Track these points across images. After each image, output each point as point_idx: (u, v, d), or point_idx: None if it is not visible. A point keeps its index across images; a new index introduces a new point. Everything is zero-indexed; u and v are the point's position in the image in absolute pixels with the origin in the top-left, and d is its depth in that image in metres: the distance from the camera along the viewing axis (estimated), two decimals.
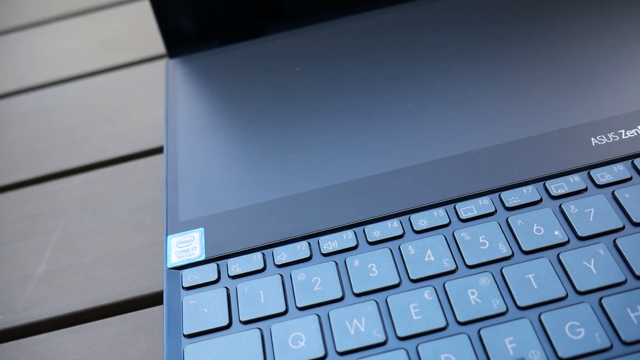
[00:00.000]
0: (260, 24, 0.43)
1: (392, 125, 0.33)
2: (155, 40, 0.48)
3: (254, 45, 0.42)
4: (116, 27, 0.54)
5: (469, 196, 0.30)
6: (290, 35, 0.42)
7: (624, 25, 0.37)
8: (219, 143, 0.35)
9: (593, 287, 0.26)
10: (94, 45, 0.52)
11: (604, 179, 0.29)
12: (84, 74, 0.50)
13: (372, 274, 0.28)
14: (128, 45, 0.52)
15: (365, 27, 0.41)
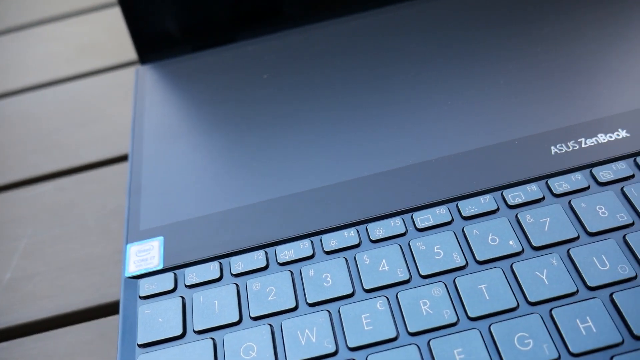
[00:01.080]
0: (233, 30, 0.43)
1: (353, 134, 0.33)
2: (133, 45, 0.48)
3: (226, 51, 0.42)
4: (93, 32, 0.54)
5: (427, 205, 0.30)
6: (261, 42, 0.42)
7: (590, 33, 0.36)
8: (184, 151, 0.35)
9: (544, 298, 0.26)
10: (71, 50, 0.53)
11: (561, 188, 0.29)
12: (60, 80, 0.50)
13: (326, 283, 0.28)
14: (105, 50, 0.52)
15: (334, 34, 0.41)
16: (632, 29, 0.36)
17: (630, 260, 0.26)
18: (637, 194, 0.28)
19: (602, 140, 0.31)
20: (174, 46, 0.43)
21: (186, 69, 0.41)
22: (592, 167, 0.30)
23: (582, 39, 0.36)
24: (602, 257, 0.26)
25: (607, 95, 0.33)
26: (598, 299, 0.25)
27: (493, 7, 0.40)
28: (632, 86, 0.33)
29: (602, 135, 0.31)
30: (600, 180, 0.29)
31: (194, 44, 0.43)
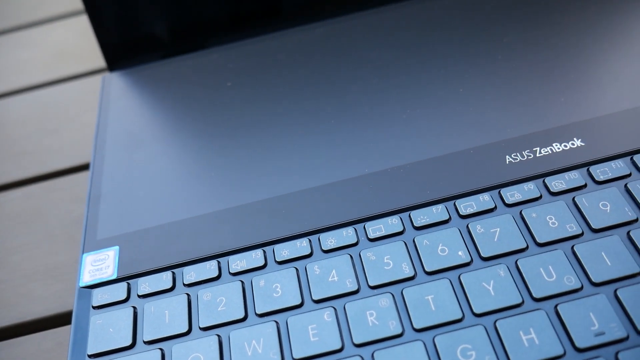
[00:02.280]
0: (202, 37, 0.43)
1: (308, 144, 0.33)
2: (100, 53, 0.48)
3: (194, 58, 0.42)
4: (70, 38, 0.54)
5: (380, 215, 0.30)
6: (229, 49, 0.42)
7: (550, 42, 0.36)
8: (145, 159, 0.35)
9: (489, 310, 0.26)
10: (47, 56, 0.53)
11: (513, 198, 0.29)
12: (34, 86, 0.50)
13: (276, 294, 0.28)
14: (81, 56, 0.52)
15: (297, 42, 0.41)
16: (590, 40, 0.36)
17: (577, 271, 0.26)
18: (588, 204, 0.28)
19: (557, 149, 0.31)
20: (143, 53, 0.43)
21: (153, 77, 0.41)
22: (545, 177, 0.30)
23: (541, 48, 0.36)
24: (549, 268, 0.26)
25: (564, 103, 0.33)
26: (542, 311, 0.25)
27: (455, 15, 0.40)
28: (589, 95, 0.33)
29: (557, 145, 0.31)
30: (553, 190, 0.29)
31: (162, 51, 0.43)
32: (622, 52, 0.35)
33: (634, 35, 0.36)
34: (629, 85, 0.33)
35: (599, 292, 0.25)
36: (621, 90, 0.33)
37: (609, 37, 0.36)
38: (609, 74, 0.34)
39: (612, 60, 0.35)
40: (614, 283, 0.26)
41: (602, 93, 0.33)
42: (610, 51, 0.35)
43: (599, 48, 0.35)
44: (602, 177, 0.29)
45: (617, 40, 0.36)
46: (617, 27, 0.36)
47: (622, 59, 0.35)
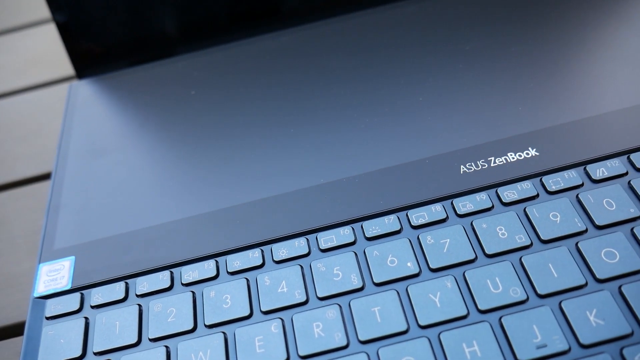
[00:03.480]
0: (170, 44, 0.43)
1: (265, 153, 0.33)
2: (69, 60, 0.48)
3: (162, 66, 0.42)
4: (42, 46, 0.54)
5: (332, 225, 0.30)
6: (195, 57, 0.42)
7: (512, 49, 0.36)
8: (107, 168, 0.35)
9: (434, 322, 0.26)
10: (19, 63, 0.53)
11: (465, 208, 0.29)
12: (6, 93, 0.50)
13: (225, 305, 0.28)
14: (53, 64, 0.52)
15: (263, 50, 0.41)
16: (550, 49, 0.36)
17: (524, 282, 0.26)
18: (539, 215, 0.28)
19: (511, 159, 0.31)
20: (111, 61, 0.43)
21: (120, 84, 0.41)
22: (498, 187, 0.30)
23: (502, 56, 0.36)
24: (496, 279, 0.26)
25: (521, 112, 0.33)
26: (486, 323, 0.25)
27: (419, 23, 0.40)
28: (546, 104, 0.33)
29: (512, 154, 0.31)
30: (505, 200, 0.29)
31: (131, 58, 0.43)
32: (580, 61, 0.35)
33: (592, 45, 0.36)
34: (586, 95, 0.33)
35: (544, 304, 0.25)
36: (578, 100, 0.33)
37: (568, 46, 0.36)
38: (567, 83, 0.34)
39: (571, 69, 0.35)
40: (559, 295, 0.26)
41: (559, 102, 0.33)
42: (570, 60, 0.35)
43: (559, 57, 0.35)
44: (554, 187, 0.29)
45: (575, 50, 0.36)
46: (576, 38, 0.36)
47: (580, 68, 0.35)
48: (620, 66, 0.34)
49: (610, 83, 0.33)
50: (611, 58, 0.35)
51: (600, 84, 0.33)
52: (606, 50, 0.35)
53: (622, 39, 0.36)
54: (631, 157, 0.30)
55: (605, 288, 0.26)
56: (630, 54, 0.35)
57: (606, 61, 0.35)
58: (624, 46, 0.35)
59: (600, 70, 0.34)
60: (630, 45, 0.35)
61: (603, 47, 0.35)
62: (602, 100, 0.32)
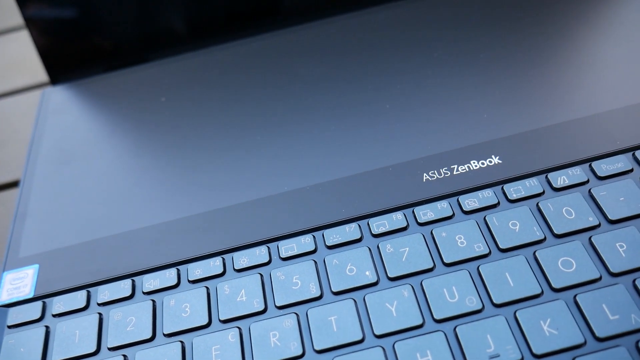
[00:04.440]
0: (145, 50, 0.43)
1: (230, 160, 0.33)
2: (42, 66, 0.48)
3: (135, 72, 0.42)
4: (19, 51, 0.54)
5: (294, 234, 0.30)
6: (168, 63, 0.42)
7: (480, 55, 0.36)
8: (75, 176, 0.35)
9: (389, 331, 0.26)
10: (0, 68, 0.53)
11: (426, 216, 0.29)
12: None
13: (184, 314, 0.28)
14: (30, 69, 0.52)
15: (235, 56, 0.41)
16: (516, 57, 0.36)
17: (481, 291, 0.26)
18: (498, 223, 0.28)
19: (474, 167, 0.31)
20: (85, 67, 0.43)
21: (93, 91, 0.42)
22: (460, 195, 0.30)
23: (470, 63, 0.36)
24: (453, 288, 0.26)
25: (486, 120, 0.33)
26: (441, 332, 0.25)
27: (388, 30, 0.40)
28: (511, 112, 0.33)
29: (475, 162, 0.31)
30: (465, 208, 0.29)
31: (105, 64, 0.43)
32: (546, 69, 0.35)
33: (559, 54, 0.36)
34: (550, 102, 0.33)
35: (499, 314, 0.25)
36: (542, 107, 0.33)
37: (535, 54, 0.36)
38: (533, 90, 0.34)
39: (537, 77, 0.34)
40: (514, 304, 0.26)
41: (523, 109, 0.33)
42: (536, 68, 0.35)
43: (526, 65, 0.35)
44: (515, 196, 0.29)
45: (542, 58, 0.36)
46: (543, 46, 0.36)
47: (546, 76, 0.34)
48: (585, 74, 0.34)
49: (575, 91, 0.33)
50: (576, 67, 0.35)
51: (564, 92, 0.33)
52: (571, 59, 0.35)
53: (587, 47, 0.36)
54: (593, 165, 0.30)
55: (561, 297, 0.26)
56: (596, 63, 0.35)
57: (571, 70, 0.35)
58: (590, 55, 0.35)
59: (565, 78, 0.34)
60: (595, 54, 0.35)
61: (569, 55, 0.35)
62: (565, 108, 0.32)
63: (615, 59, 0.35)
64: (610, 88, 0.33)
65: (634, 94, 0.32)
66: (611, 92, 0.33)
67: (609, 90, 0.33)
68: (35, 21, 0.41)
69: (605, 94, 0.33)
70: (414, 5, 0.41)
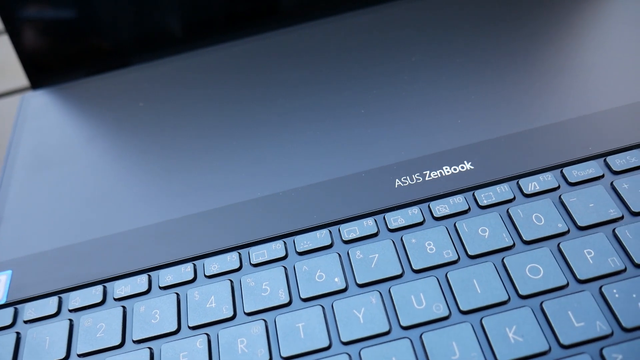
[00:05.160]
0: (126, 54, 0.43)
1: (204, 167, 0.33)
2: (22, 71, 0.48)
3: (117, 76, 0.42)
4: (4, 54, 0.54)
5: (265, 240, 0.30)
6: (149, 67, 0.42)
7: (456, 60, 0.36)
8: (51, 181, 0.35)
9: (356, 338, 0.26)
10: None
11: (397, 223, 0.29)
12: None
13: (154, 320, 0.28)
14: (12, 73, 0.52)
15: (214, 61, 0.41)
16: (491, 62, 0.36)
17: (448, 298, 0.26)
18: (468, 230, 0.28)
19: (446, 172, 0.31)
20: (66, 72, 0.43)
21: (74, 96, 0.42)
22: (431, 201, 0.30)
23: (446, 68, 0.36)
24: (420, 295, 0.26)
25: (460, 125, 0.33)
26: (407, 339, 0.25)
27: (366, 35, 0.40)
28: (484, 117, 0.33)
29: (447, 168, 0.31)
30: (436, 214, 0.29)
31: (87, 69, 0.44)
32: (520, 75, 0.35)
33: (533, 60, 0.36)
34: (524, 108, 0.33)
35: (465, 321, 0.25)
36: (515, 113, 0.33)
37: (510, 59, 0.36)
38: (507, 96, 0.34)
39: (511, 82, 0.35)
40: (481, 311, 0.26)
41: (497, 115, 0.33)
42: (510, 73, 0.35)
43: (500, 70, 0.35)
44: (485, 202, 0.29)
45: (516, 63, 0.36)
46: (518, 51, 0.36)
47: (520, 81, 0.34)
48: (558, 80, 0.34)
49: (548, 97, 0.33)
50: (550, 73, 0.35)
51: (537, 97, 0.33)
52: (545, 65, 0.35)
53: (561, 53, 0.36)
54: (564, 171, 0.30)
55: (527, 304, 0.26)
56: (568, 69, 0.35)
57: (545, 76, 0.35)
58: (563, 61, 0.35)
59: (539, 84, 0.34)
60: (568, 60, 0.35)
61: (543, 61, 0.35)
62: (539, 114, 0.32)
63: (588, 64, 0.35)
64: (582, 94, 0.33)
65: (606, 99, 0.32)
66: (584, 97, 0.33)
67: (581, 96, 0.33)
68: (16, 26, 0.41)
69: (578, 99, 0.33)
70: (393, 10, 0.41)
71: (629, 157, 0.30)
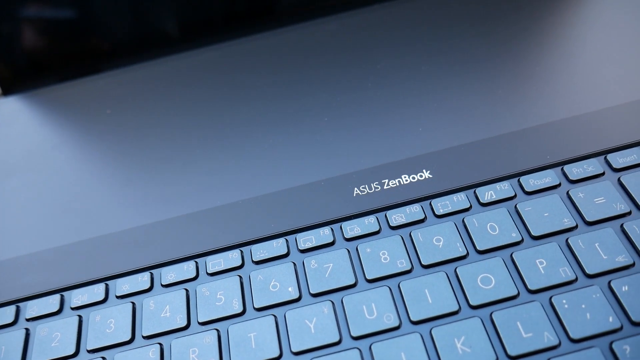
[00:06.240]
0: (97, 61, 0.43)
1: (165, 176, 0.34)
2: None
3: (89, 82, 0.42)
4: None
5: (222, 249, 0.30)
6: (120, 73, 0.42)
7: (423, 67, 0.36)
8: (15, 189, 0.35)
9: (306, 348, 0.26)
10: None
11: (353, 232, 0.29)
12: None
13: (109, 329, 0.28)
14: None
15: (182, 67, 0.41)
16: (455, 70, 0.36)
17: (400, 308, 0.26)
18: (423, 239, 0.28)
19: (404, 181, 0.31)
20: (38, 78, 0.43)
21: (45, 102, 0.42)
22: (388, 210, 0.30)
23: (411, 75, 0.36)
24: (372, 305, 0.26)
25: (421, 133, 0.33)
26: (357, 350, 0.25)
27: (333, 42, 0.40)
28: (445, 125, 0.33)
29: (406, 176, 0.31)
30: (392, 224, 0.29)
31: (59, 75, 0.44)
32: (483, 83, 0.35)
33: (494, 68, 0.36)
34: (484, 117, 0.33)
35: (415, 331, 0.25)
36: (475, 121, 0.33)
37: (473, 68, 0.36)
38: (469, 104, 0.34)
39: (474, 91, 0.35)
40: (431, 321, 0.26)
41: (458, 123, 0.33)
42: (473, 82, 0.35)
43: (464, 78, 0.35)
44: (442, 211, 0.29)
45: (480, 71, 0.36)
46: (481, 59, 0.36)
47: (482, 90, 0.35)
48: (518, 89, 0.34)
49: (508, 105, 0.33)
50: (510, 81, 0.35)
51: (498, 106, 0.33)
52: (506, 73, 0.35)
53: (521, 62, 0.36)
54: (521, 180, 0.30)
55: (477, 315, 0.26)
56: (529, 78, 0.35)
57: (505, 84, 0.35)
58: (524, 69, 0.35)
59: (500, 92, 0.34)
60: (530, 69, 0.35)
61: (504, 70, 0.36)
62: (499, 122, 0.32)
63: (548, 73, 0.35)
64: (542, 102, 0.33)
65: (565, 108, 0.32)
66: (543, 106, 0.33)
67: (541, 104, 0.33)
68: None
69: (538, 108, 0.33)
70: (360, 17, 0.41)
71: (585, 165, 0.30)
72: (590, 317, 0.25)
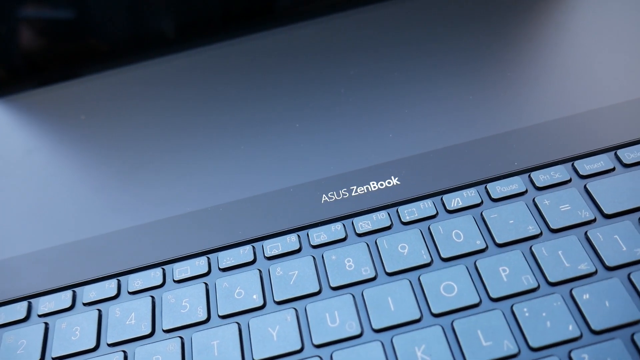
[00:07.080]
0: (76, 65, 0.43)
1: (132, 182, 0.34)
2: None
3: (67, 87, 0.42)
4: None
5: (189, 256, 0.30)
6: (100, 78, 0.42)
7: (395, 73, 0.36)
8: None
9: (268, 356, 0.26)
10: None
11: (319, 239, 0.29)
12: None
13: (74, 337, 0.28)
14: None
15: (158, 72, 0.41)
16: (426, 77, 0.36)
17: (362, 316, 0.26)
18: (388, 246, 0.28)
19: (373, 187, 0.31)
20: (17, 82, 0.43)
21: (22, 107, 0.42)
22: (355, 217, 0.30)
23: (384, 82, 0.36)
24: (335, 313, 0.26)
25: (391, 140, 0.33)
26: (317, 358, 0.25)
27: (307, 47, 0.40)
28: (415, 132, 0.33)
29: (374, 183, 0.31)
30: (358, 231, 0.29)
31: (37, 79, 0.44)
32: (454, 90, 0.35)
33: (466, 74, 0.36)
34: (453, 123, 0.33)
35: (376, 339, 0.25)
36: (445, 128, 0.33)
37: (444, 75, 0.36)
38: (439, 110, 0.34)
39: (444, 97, 0.35)
40: (393, 329, 0.26)
41: (427, 130, 0.33)
42: (444, 88, 0.35)
43: (435, 85, 0.35)
44: (408, 218, 0.29)
45: (451, 78, 0.36)
46: (452, 66, 0.36)
47: (453, 97, 0.34)
48: (487, 95, 0.34)
49: (476, 111, 0.33)
50: (480, 87, 0.35)
51: (467, 112, 0.33)
52: (477, 79, 0.35)
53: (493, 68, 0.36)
54: (488, 187, 0.30)
55: (439, 323, 0.26)
56: (498, 85, 0.35)
57: (475, 90, 0.35)
58: (494, 75, 0.35)
59: (469, 99, 0.34)
60: (498, 74, 0.35)
61: (474, 76, 0.36)
62: (467, 129, 0.32)
63: (516, 80, 0.35)
64: (510, 109, 0.33)
65: (533, 115, 0.32)
66: (512, 112, 0.33)
67: (509, 110, 0.33)
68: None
69: (506, 114, 0.33)
70: (334, 22, 0.41)
71: (552, 172, 0.30)
72: (551, 326, 0.25)
